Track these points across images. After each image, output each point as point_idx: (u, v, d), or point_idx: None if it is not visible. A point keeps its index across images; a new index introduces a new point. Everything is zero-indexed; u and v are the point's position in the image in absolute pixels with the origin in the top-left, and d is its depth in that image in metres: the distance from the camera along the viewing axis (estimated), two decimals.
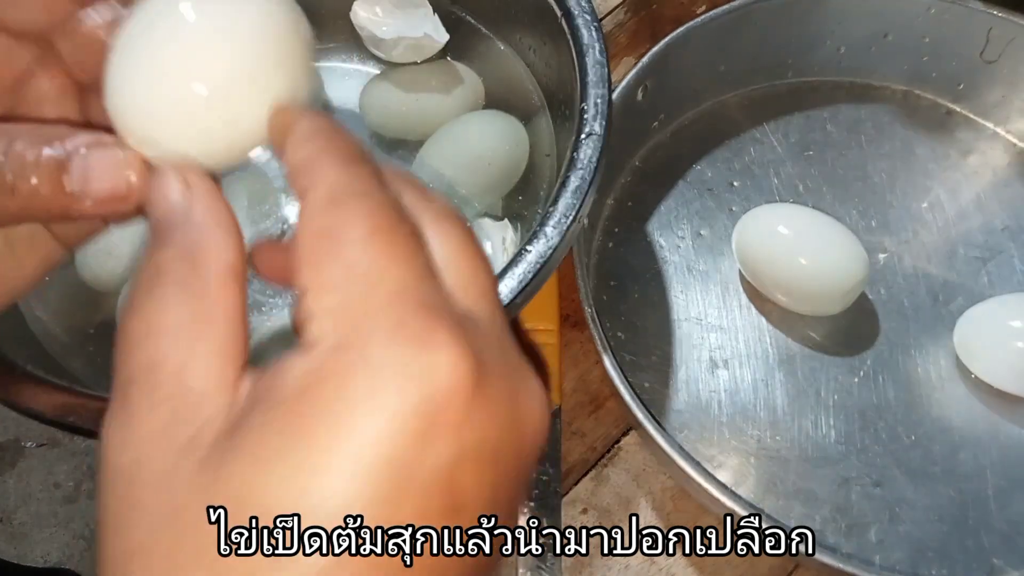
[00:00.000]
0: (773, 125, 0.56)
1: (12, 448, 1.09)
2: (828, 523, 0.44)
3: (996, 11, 0.52)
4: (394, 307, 0.16)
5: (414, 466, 0.15)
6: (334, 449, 0.15)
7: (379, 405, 0.15)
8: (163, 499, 0.16)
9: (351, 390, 0.15)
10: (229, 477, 0.15)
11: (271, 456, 0.15)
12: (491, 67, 0.50)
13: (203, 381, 0.17)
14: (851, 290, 0.47)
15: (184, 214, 0.19)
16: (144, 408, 0.17)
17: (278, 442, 0.15)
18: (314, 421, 0.15)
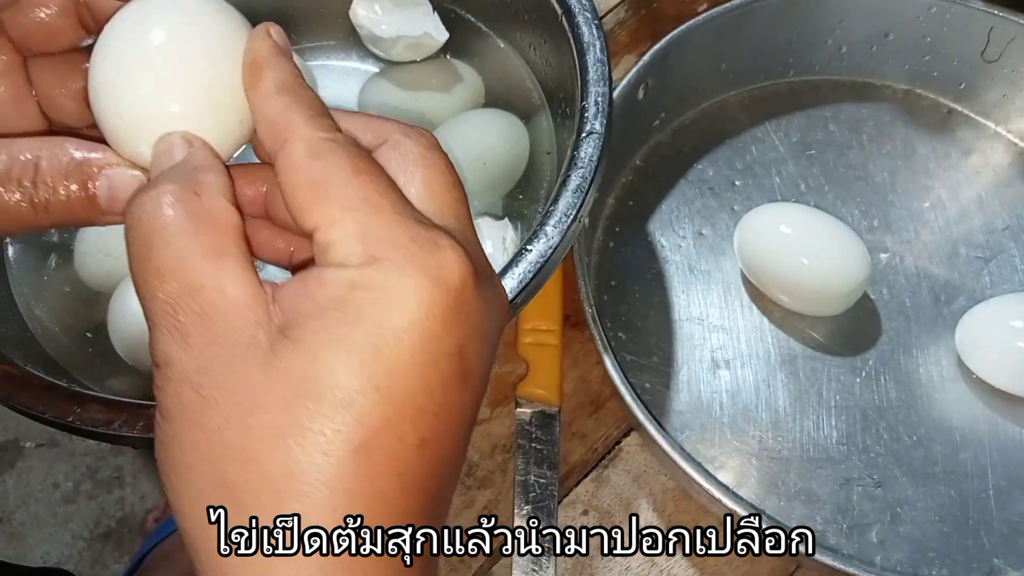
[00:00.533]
0: (774, 124, 0.56)
1: (12, 448, 1.09)
2: (829, 524, 0.44)
3: (997, 11, 0.52)
4: (402, 225, 0.19)
5: (441, 341, 0.19)
6: (383, 333, 0.18)
7: (413, 296, 0.18)
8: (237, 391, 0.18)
9: (388, 289, 0.18)
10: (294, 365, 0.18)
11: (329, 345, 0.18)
12: (491, 65, 0.50)
13: (242, 295, 0.19)
14: (853, 290, 0.47)
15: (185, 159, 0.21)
16: (197, 324, 0.19)
17: (334, 334, 0.18)
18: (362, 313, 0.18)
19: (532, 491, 0.45)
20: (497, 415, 0.47)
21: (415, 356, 0.18)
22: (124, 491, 1.04)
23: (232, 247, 0.20)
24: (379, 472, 0.18)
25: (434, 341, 0.19)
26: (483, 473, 0.46)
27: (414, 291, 0.18)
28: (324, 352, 0.18)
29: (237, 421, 0.18)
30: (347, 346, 0.18)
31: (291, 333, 0.19)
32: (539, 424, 0.46)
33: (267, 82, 0.21)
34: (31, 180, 0.22)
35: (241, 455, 0.18)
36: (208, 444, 0.19)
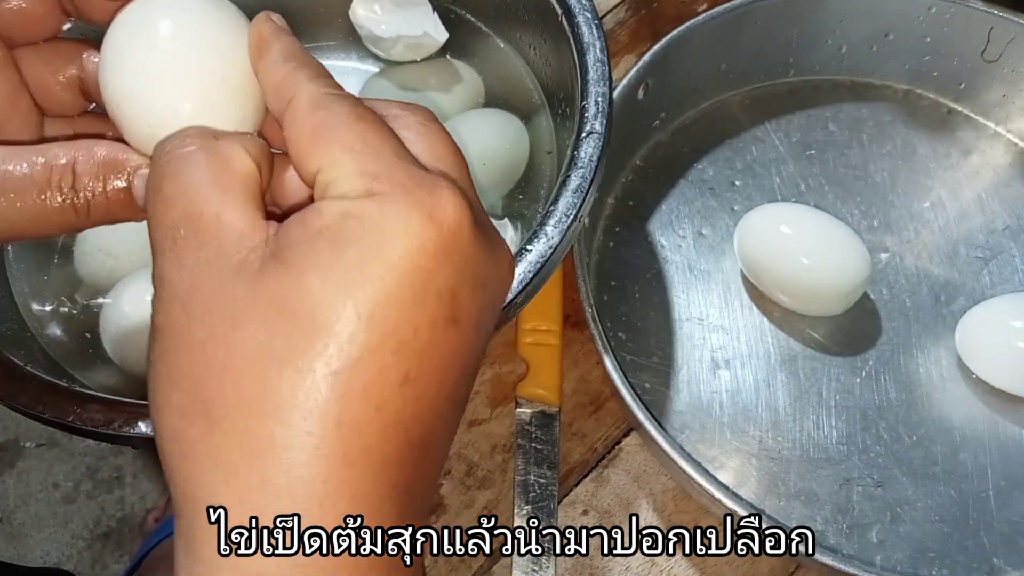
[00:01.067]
0: (774, 124, 0.56)
1: (12, 448, 1.09)
2: (829, 524, 0.44)
3: (997, 11, 0.52)
4: (401, 165, 0.20)
5: (431, 277, 0.19)
6: (372, 261, 0.18)
7: (406, 230, 0.18)
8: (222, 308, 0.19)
9: (382, 221, 0.18)
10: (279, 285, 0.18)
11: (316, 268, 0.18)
12: (491, 65, 0.50)
13: (240, 222, 0.19)
14: (853, 290, 0.47)
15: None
16: (193, 246, 0.19)
17: (322, 258, 0.18)
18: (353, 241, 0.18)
19: (532, 491, 0.45)
20: (497, 415, 0.47)
21: (402, 289, 0.18)
22: (124, 491, 1.04)
23: (238, 184, 0.20)
24: (355, 401, 0.18)
25: (423, 277, 0.18)
26: (483, 473, 0.46)
27: (407, 223, 0.18)
28: (309, 274, 0.18)
29: (219, 336, 0.18)
30: (333, 270, 0.18)
31: (282, 256, 0.19)
32: (539, 424, 0.46)
33: (273, 52, 0.22)
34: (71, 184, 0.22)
35: (219, 370, 0.18)
36: (189, 359, 0.19)
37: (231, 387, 0.18)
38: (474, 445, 0.47)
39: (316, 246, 0.18)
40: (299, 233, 0.19)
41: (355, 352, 0.18)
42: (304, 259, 0.18)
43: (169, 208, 0.20)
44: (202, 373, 0.19)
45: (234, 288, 0.19)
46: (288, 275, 0.18)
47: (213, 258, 0.19)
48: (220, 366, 0.18)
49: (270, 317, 0.18)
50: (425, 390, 0.19)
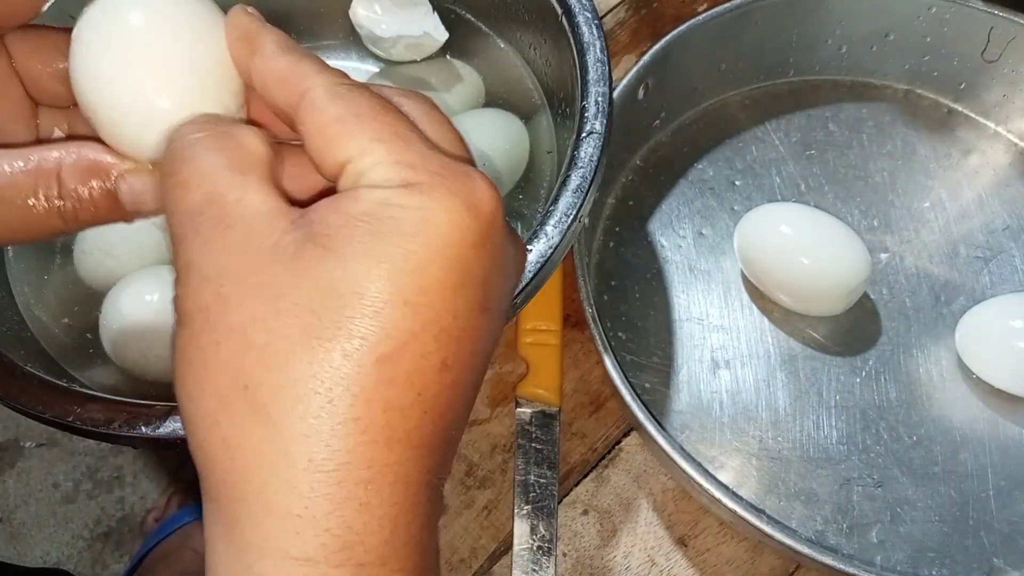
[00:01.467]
0: (774, 124, 0.56)
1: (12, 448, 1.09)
2: (829, 523, 0.44)
3: (997, 10, 0.52)
4: (433, 155, 0.19)
5: (471, 266, 0.19)
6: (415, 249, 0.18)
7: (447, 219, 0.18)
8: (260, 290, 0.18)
9: (423, 209, 0.18)
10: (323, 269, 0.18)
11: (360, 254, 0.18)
12: (491, 65, 0.50)
13: (263, 205, 0.19)
14: (853, 290, 0.47)
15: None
16: (219, 229, 0.19)
17: (366, 245, 0.18)
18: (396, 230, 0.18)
19: (532, 491, 0.45)
20: (497, 415, 0.47)
21: (445, 276, 0.18)
22: (124, 491, 1.04)
23: (257, 166, 0.20)
24: (400, 386, 0.18)
25: (464, 265, 0.19)
26: (483, 473, 0.46)
27: (448, 213, 0.19)
28: (356, 259, 0.18)
29: (260, 319, 0.18)
30: (379, 256, 0.18)
31: (321, 241, 0.18)
32: (539, 424, 0.46)
33: (267, 45, 0.22)
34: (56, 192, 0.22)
35: (263, 354, 0.18)
36: (228, 343, 0.18)
37: (277, 371, 0.18)
38: (474, 445, 0.47)
39: (358, 231, 0.18)
40: (337, 219, 0.19)
41: (402, 337, 0.18)
42: (348, 245, 0.18)
43: (189, 193, 0.20)
44: (242, 355, 0.18)
45: (274, 271, 0.18)
46: (331, 261, 0.18)
47: (243, 240, 0.19)
48: (263, 349, 0.18)
49: (315, 300, 0.18)
50: (459, 375, 0.19)
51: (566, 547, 0.45)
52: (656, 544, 0.44)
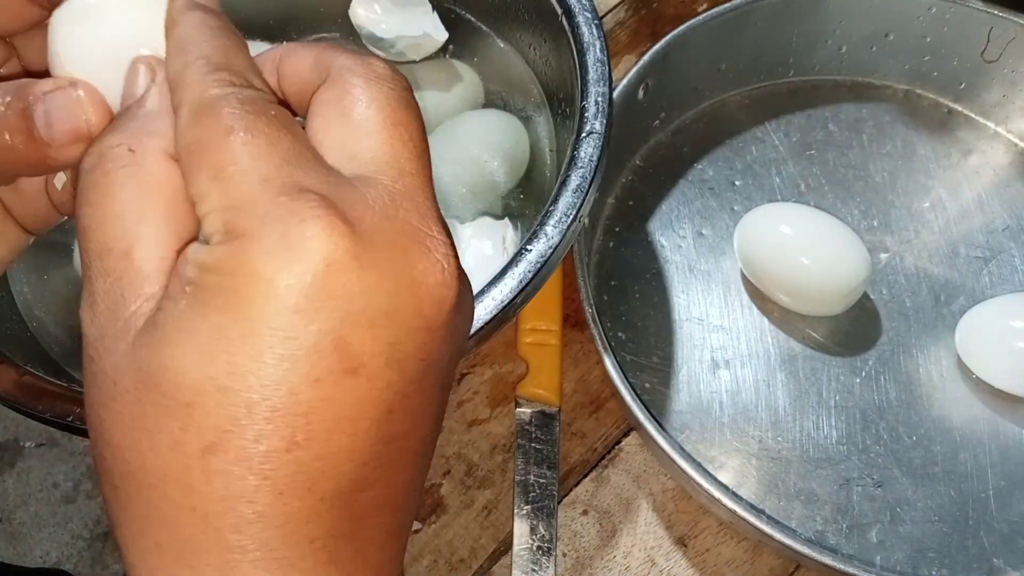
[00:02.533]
0: (774, 124, 0.56)
1: (11, 448, 1.08)
2: (829, 524, 0.44)
3: (997, 11, 0.52)
4: (264, 195, 0.17)
5: (299, 335, 0.17)
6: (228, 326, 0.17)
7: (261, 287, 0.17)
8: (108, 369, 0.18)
9: (238, 275, 0.17)
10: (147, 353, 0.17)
11: (176, 335, 0.17)
12: (491, 65, 0.50)
13: (148, 263, 0.18)
14: (853, 290, 0.47)
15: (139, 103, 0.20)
16: (102, 288, 0.18)
17: (183, 323, 0.17)
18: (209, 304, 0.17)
19: (532, 491, 0.45)
20: (497, 415, 0.47)
21: (265, 351, 0.17)
22: None
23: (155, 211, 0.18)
24: (235, 475, 0.17)
25: (289, 335, 0.17)
26: (483, 473, 0.46)
27: (265, 278, 0.16)
28: (169, 342, 0.17)
29: (104, 404, 0.18)
30: (189, 338, 0.17)
31: (155, 316, 0.18)
32: (539, 424, 0.46)
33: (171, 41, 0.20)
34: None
35: (108, 440, 0.18)
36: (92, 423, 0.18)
37: (118, 458, 0.18)
38: (474, 445, 0.47)
39: (179, 308, 0.17)
40: (172, 287, 0.18)
41: (222, 426, 0.17)
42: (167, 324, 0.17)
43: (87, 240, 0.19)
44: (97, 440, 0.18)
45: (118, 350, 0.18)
46: (154, 341, 0.17)
47: (113, 306, 0.18)
48: (109, 435, 0.18)
49: (140, 389, 0.17)
50: (326, 448, 0.17)
51: (566, 547, 0.45)
52: (656, 544, 0.44)
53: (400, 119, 0.20)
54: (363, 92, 0.20)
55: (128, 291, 0.18)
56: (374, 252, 0.17)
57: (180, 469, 0.17)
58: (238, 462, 0.17)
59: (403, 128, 0.20)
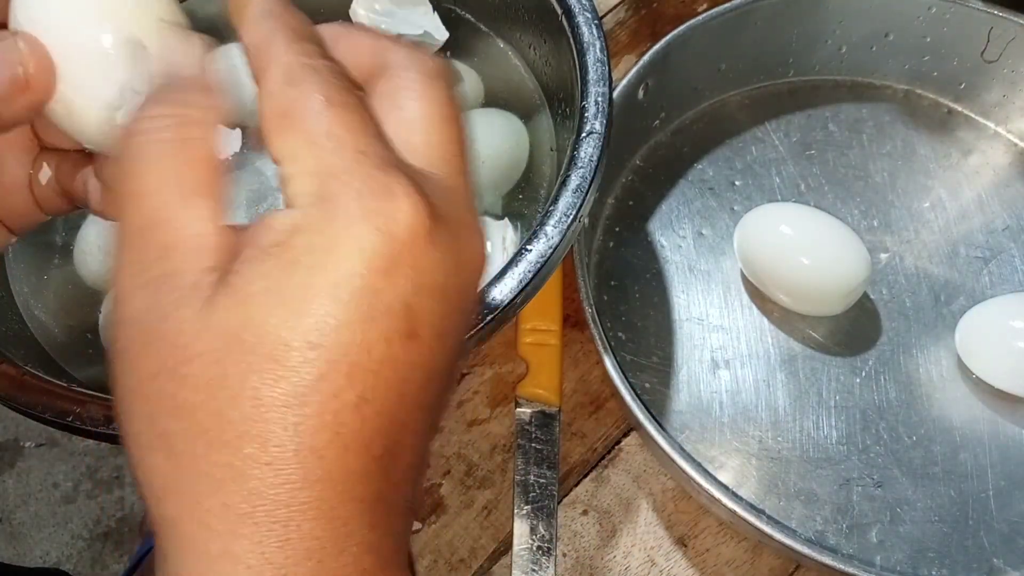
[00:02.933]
0: (774, 124, 0.56)
1: (11, 448, 1.09)
2: (829, 524, 0.44)
3: (997, 11, 0.52)
4: (359, 165, 0.18)
5: (380, 294, 0.18)
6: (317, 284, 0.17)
7: (352, 245, 0.18)
8: (172, 335, 0.18)
9: (329, 235, 0.18)
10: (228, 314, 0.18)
11: (263, 294, 0.18)
12: (491, 65, 0.50)
13: (199, 236, 0.19)
14: (853, 290, 0.47)
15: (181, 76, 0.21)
16: (150, 260, 0.19)
17: (270, 282, 0.18)
18: (298, 260, 0.18)
19: (532, 491, 0.45)
20: (497, 415, 0.47)
21: (350, 310, 0.18)
22: (124, 491, 1.04)
23: (209, 186, 0.19)
24: (310, 428, 0.18)
25: (373, 295, 0.18)
26: (483, 473, 0.46)
27: (355, 239, 0.18)
28: (255, 302, 0.18)
29: (169, 370, 0.18)
30: (278, 296, 0.17)
31: (230, 279, 0.18)
32: (539, 424, 0.46)
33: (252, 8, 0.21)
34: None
35: (173, 404, 0.18)
36: (143, 390, 0.18)
37: (187, 420, 0.18)
38: (474, 445, 0.47)
39: (264, 268, 0.18)
40: (250, 252, 0.18)
41: (306, 381, 0.17)
42: (251, 284, 0.18)
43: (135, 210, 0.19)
44: (156, 404, 0.18)
45: (183, 315, 0.18)
46: (234, 304, 0.18)
47: (168, 277, 0.18)
48: (172, 399, 0.18)
49: (219, 349, 0.18)
50: (384, 406, 0.18)
51: (566, 547, 0.45)
52: (656, 544, 0.44)
53: (452, 117, 0.21)
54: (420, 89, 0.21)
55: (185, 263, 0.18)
56: (443, 234, 0.19)
57: (260, 423, 0.18)
58: (316, 416, 0.18)
59: (455, 127, 0.21)
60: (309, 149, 0.19)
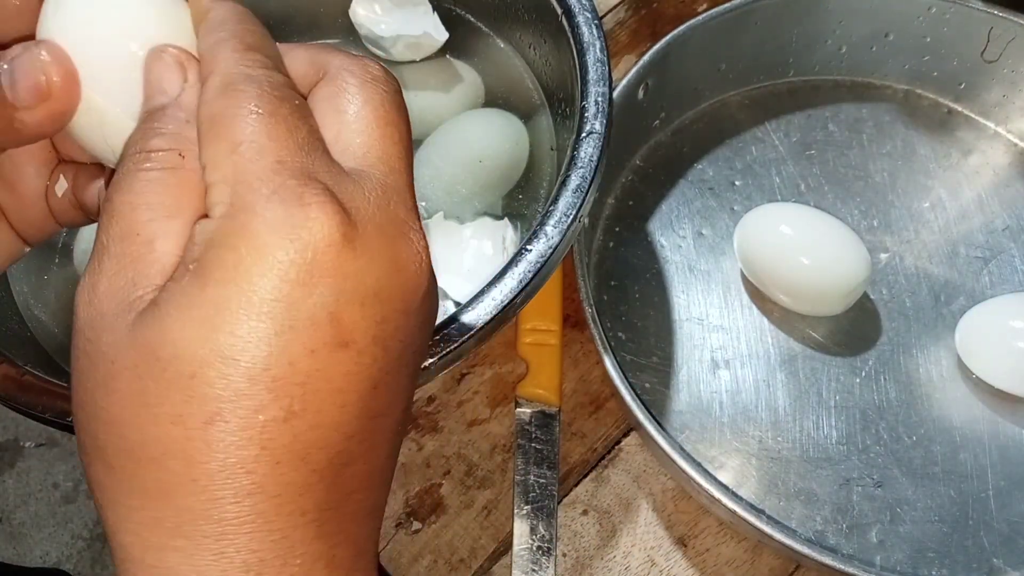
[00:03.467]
0: (774, 124, 0.56)
1: (11, 448, 1.09)
2: (829, 524, 0.44)
3: (997, 11, 0.52)
4: (273, 175, 0.18)
5: (298, 305, 0.18)
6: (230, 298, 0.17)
7: (263, 258, 0.17)
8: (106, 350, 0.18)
9: (240, 247, 0.18)
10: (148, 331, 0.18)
11: (178, 311, 0.18)
12: (491, 65, 0.50)
13: (167, 256, 0.19)
14: (853, 290, 0.47)
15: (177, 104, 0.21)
16: (112, 270, 0.19)
17: (185, 299, 0.18)
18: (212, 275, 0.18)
19: (532, 491, 0.45)
20: (497, 415, 0.47)
21: (266, 324, 0.17)
22: None
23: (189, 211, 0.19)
24: (234, 445, 0.18)
25: (289, 306, 0.18)
26: (483, 473, 0.46)
27: (268, 251, 0.17)
28: (171, 318, 0.18)
29: (103, 383, 0.18)
30: (192, 312, 0.17)
31: (156, 297, 0.18)
32: (539, 424, 0.46)
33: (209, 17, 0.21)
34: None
35: (106, 418, 0.18)
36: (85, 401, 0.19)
37: (116, 435, 0.18)
38: (474, 445, 0.47)
39: (182, 284, 0.18)
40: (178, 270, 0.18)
41: (224, 396, 0.17)
42: (168, 300, 0.18)
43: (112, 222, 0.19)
44: (93, 418, 0.18)
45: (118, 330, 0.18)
46: (155, 319, 0.18)
47: (120, 290, 0.19)
48: (106, 413, 0.18)
49: (141, 365, 0.18)
50: (319, 419, 0.18)
51: (566, 547, 0.45)
52: (656, 544, 0.44)
53: (392, 119, 0.21)
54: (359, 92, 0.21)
55: (140, 276, 0.19)
56: (367, 238, 0.19)
57: (182, 441, 0.17)
58: (239, 432, 0.18)
59: (394, 128, 0.21)
60: (228, 157, 0.18)
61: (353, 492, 0.20)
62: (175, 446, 0.18)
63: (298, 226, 0.18)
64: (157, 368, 0.18)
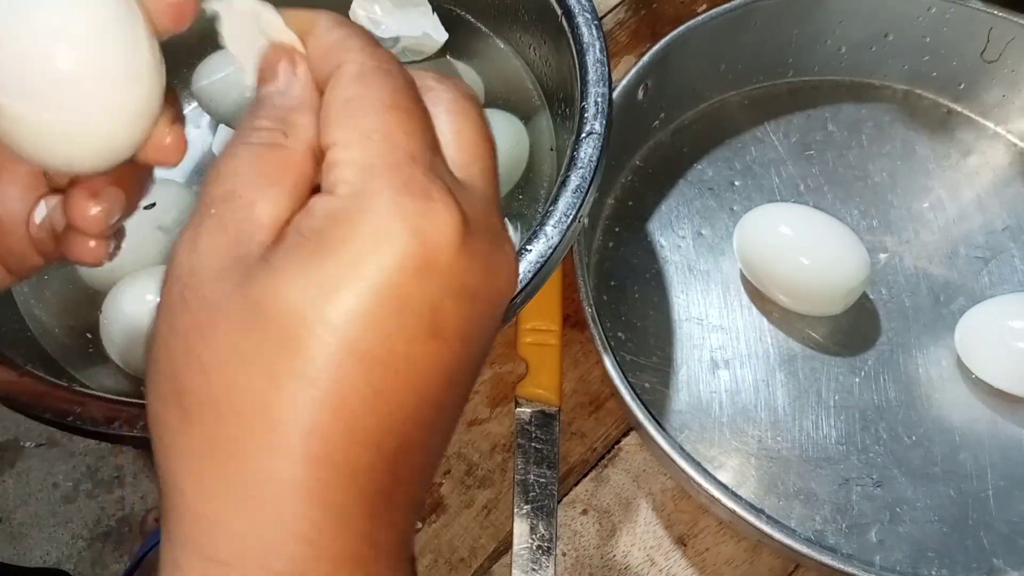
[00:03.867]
0: (774, 124, 0.56)
1: (12, 448, 1.09)
2: (829, 523, 0.44)
3: (997, 11, 0.52)
4: (405, 168, 0.19)
5: (409, 294, 0.18)
6: (346, 273, 0.18)
7: (386, 243, 0.18)
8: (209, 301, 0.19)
9: (365, 228, 0.18)
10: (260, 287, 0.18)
11: (293, 272, 0.18)
12: (491, 66, 0.50)
13: (267, 216, 0.19)
14: (853, 290, 0.47)
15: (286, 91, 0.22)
16: (214, 228, 0.19)
17: (303, 264, 0.18)
18: (333, 249, 0.18)
19: (532, 491, 0.45)
20: (497, 415, 0.47)
21: (376, 305, 0.18)
22: (124, 491, 1.04)
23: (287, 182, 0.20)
24: (321, 413, 0.18)
25: (400, 294, 0.18)
26: (483, 473, 0.46)
27: (390, 239, 0.18)
28: (284, 278, 0.18)
29: (199, 329, 0.19)
30: (308, 278, 0.18)
31: (268, 256, 0.19)
32: (539, 424, 0.47)
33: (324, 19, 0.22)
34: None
35: (195, 363, 0.18)
36: (173, 345, 0.19)
37: (203, 382, 0.18)
38: (474, 445, 0.47)
39: (300, 251, 0.18)
40: (291, 237, 0.19)
41: (323, 365, 0.18)
42: (285, 263, 0.18)
43: (214, 185, 0.20)
44: (180, 362, 0.19)
45: (223, 283, 0.19)
46: (268, 278, 0.18)
47: (223, 246, 0.19)
48: (196, 359, 0.18)
49: (246, 319, 0.18)
50: (400, 403, 0.19)
51: (566, 546, 0.45)
52: (655, 544, 0.44)
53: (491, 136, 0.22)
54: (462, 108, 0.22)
55: (243, 235, 0.19)
56: (476, 242, 0.20)
57: (268, 393, 0.18)
58: (324, 399, 0.18)
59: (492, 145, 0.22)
60: (361, 142, 0.19)
61: (406, 482, 0.20)
62: (259, 398, 0.18)
63: (423, 220, 0.18)
64: (261, 321, 0.18)
